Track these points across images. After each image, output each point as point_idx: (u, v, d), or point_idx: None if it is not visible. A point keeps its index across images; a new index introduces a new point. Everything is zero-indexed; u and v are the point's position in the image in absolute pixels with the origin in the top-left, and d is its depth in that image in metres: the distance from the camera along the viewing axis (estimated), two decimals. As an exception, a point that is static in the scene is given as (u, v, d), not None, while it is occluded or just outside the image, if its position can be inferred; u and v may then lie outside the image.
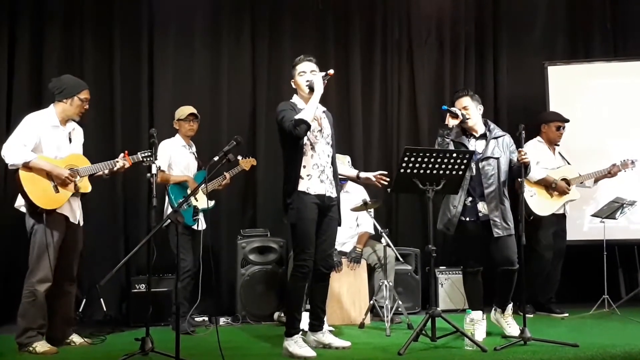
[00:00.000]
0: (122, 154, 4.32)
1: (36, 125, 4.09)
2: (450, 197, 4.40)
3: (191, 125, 5.06)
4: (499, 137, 4.41)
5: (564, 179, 5.41)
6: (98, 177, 4.33)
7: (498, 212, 4.30)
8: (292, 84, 4.08)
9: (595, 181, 5.60)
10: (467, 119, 4.36)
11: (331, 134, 4.08)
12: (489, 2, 6.60)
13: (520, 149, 4.21)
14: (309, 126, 3.82)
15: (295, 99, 4.08)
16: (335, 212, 4.05)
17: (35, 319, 4.00)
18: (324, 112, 4.09)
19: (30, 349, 3.96)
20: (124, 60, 5.77)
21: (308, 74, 3.98)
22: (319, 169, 3.94)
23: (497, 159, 4.34)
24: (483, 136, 4.44)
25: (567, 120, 5.56)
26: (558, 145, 5.59)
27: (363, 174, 4.34)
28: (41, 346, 3.97)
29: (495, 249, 4.34)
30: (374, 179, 4.25)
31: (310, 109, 3.86)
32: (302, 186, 3.89)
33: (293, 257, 4.00)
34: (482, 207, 4.36)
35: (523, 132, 4.19)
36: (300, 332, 3.93)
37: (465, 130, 4.46)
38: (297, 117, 3.81)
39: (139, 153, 4.28)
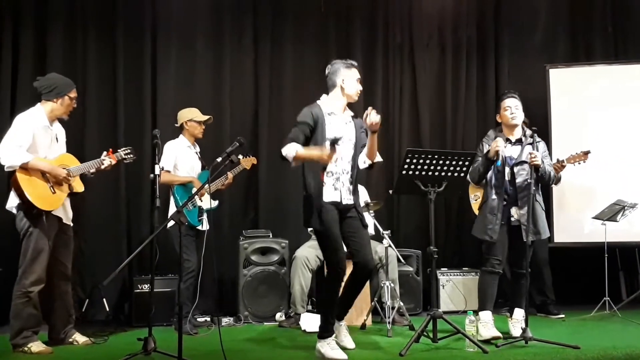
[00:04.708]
0: (105, 152, 4.31)
1: (30, 125, 4.04)
2: (487, 206, 4.38)
3: (203, 128, 5.08)
4: (538, 142, 4.37)
5: None
6: (83, 176, 4.28)
7: (529, 217, 4.26)
8: (342, 82, 3.89)
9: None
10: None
11: (355, 140, 3.95)
12: (491, 5, 6.62)
13: (531, 152, 4.24)
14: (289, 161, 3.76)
15: (324, 99, 3.97)
16: (354, 213, 3.93)
17: (30, 319, 3.98)
18: (349, 122, 3.99)
19: (26, 349, 3.94)
20: (127, 61, 5.79)
21: (359, 84, 3.96)
22: (333, 177, 3.86)
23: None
24: (518, 141, 4.46)
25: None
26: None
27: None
28: (36, 346, 3.96)
29: (518, 252, 4.37)
30: None
31: (302, 153, 3.72)
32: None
33: (325, 261, 3.91)
34: (514, 212, 4.38)
35: (536, 135, 4.25)
36: (334, 335, 3.86)
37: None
38: (284, 152, 3.72)
39: (120, 150, 4.33)
